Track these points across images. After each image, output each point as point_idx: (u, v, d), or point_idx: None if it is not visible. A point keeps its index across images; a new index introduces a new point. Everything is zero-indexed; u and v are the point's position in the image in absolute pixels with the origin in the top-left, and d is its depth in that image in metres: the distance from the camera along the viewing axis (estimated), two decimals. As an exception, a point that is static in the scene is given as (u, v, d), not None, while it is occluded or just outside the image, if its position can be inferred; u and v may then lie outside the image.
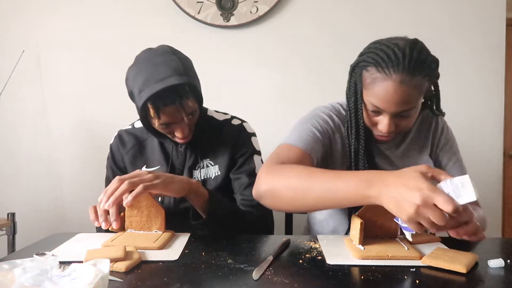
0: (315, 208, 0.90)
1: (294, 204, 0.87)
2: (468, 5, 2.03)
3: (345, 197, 0.78)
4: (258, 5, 2.02)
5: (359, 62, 1.03)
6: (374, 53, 0.97)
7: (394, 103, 0.95)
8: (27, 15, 2.08)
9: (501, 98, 2.06)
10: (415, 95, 0.96)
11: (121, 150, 1.24)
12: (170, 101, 1.03)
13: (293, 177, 0.86)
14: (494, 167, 2.07)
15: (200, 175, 1.19)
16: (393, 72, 0.93)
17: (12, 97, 2.05)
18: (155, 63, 1.05)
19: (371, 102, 0.99)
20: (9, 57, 2.01)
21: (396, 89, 0.93)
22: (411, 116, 1.01)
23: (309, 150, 1.02)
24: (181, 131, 1.10)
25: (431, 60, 0.97)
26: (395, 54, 0.93)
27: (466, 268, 0.72)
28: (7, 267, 0.62)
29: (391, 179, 0.72)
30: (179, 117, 1.07)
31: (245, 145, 1.21)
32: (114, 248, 0.79)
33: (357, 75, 1.03)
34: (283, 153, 1.01)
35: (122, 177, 0.92)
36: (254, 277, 0.70)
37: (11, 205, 2.02)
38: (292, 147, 1.02)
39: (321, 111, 1.14)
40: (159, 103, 1.03)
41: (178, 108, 1.05)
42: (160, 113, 1.04)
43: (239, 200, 1.17)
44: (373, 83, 0.97)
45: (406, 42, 0.96)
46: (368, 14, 2.05)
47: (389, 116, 0.99)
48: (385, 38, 1.02)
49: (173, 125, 1.09)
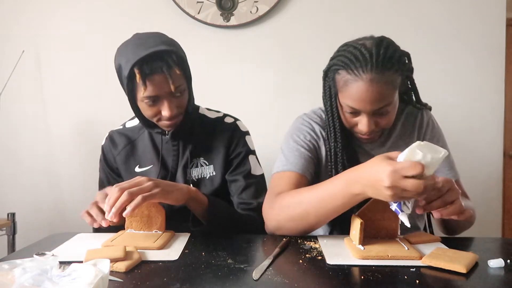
0: (320, 224, 0.94)
1: (300, 229, 0.95)
2: (468, 5, 2.03)
3: (340, 204, 0.86)
4: (258, 5, 2.02)
5: (330, 66, 1.04)
6: (343, 56, 0.99)
7: (368, 102, 0.96)
8: (27, 15, 2.08)
9: (501, 98, 2.06)
10: (388, 92, 0.97)
11: (112, 151, 1.23)
12: (157, 67, 1.00)
13: (286, 207, 0.95)
14: (494, 167, 2.07)
15: (194, 174, 1.17)
16: (362, 72, 0.94)
17: (12, 97, 2.05)
18: (145, 37, 1.06)
19: (347, 104, 1.00)
20: (9, 57, 2.01)
21: (368, 88, 0.94)
22: (389, 112, 1.02)
23: (301, 170, 1.06)
24: (168, 107, 1.05)
25: (400, 54, 0.98)
26: (362, 54, 0.94)
27: (466, 268, 0.72)
28: (7, 267, 0.62)
29: (362, 173, 0.80)
30: (166, 89, 1.03)
31: (239, 145, 1.20)
32: (114, 248, 0.79)
33: (330, 79, 1.04)
34: (278, 183, 1.05)
35: (122, 187, 0.89)
36: (254, 277, 0.70)
37: (11, 205, 2.02)
38: (285, 174, 1.06)
39: (302, 123, 1.15)
40: (146, 69, 1.00)
41: (165, 77, 1.01)
42: (146, 81, 1.01)
43: (236, 203, 1.17)
44: (345, 85, 0.98)
45: (372, 41, 0.98)
46: (367, 14, 2.05)
47: (367, 115, 1.00)
48: (350, 40, 1.04)
49: (160, 102, 1.06)
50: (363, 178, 0.80)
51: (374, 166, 0.77)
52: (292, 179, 1.04)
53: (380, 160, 0.77)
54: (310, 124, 1.14)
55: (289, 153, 1.09)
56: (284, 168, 1.06)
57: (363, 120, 1.01)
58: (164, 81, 1.02)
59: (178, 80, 1.04)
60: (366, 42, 0.98)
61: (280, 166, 1.08)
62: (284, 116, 2.06)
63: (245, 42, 2.07)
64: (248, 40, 2.07)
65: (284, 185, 1.03)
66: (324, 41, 2.06)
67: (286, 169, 1.06)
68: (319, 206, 0.89)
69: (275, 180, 1.07)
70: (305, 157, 1.08)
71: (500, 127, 2.07)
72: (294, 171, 1.05)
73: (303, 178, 1.05)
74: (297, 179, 1.04)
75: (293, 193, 0.97)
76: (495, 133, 2.07)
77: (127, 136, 1.24)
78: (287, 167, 1.06)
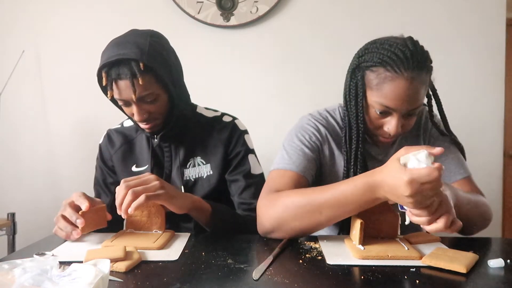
0: (328, 225, 0.91)
1: (304, 229, 0.91)
2: (468, 5, 2.03)
3: (358, 206, 0.85)
4: (258, 5, 2.02)
5: (359, 63, 1.00)
6: (377, 53, 0.96)
7: (406, 101, 0.94)
8: (27, 15, 2.08)
9: (501, 98, 2.06)
10: (423, 92, 0.96)
11: (109, 149, 1.23)
12: (122, 73, 1.00)
13: (293, 206, 0.90)
14: (494, 167, 2.07)
15: (192, 174, 1.16)
16: (404, 69, 0.92)
17: (12, 97, 2.05)
18: (125, 41, 1.05)
19: (380, 103, 0.97)
20: (9, 57, 2.01)
21: (409, 86, 0.93)
22: (416, 114, 1.01)
23: (302, 171, 1.03)
24: (137, 112, 1.05)
25: (428, 55, 0.98)
26: (403, 52, 0.92)
27: (466, 268, 0.72)
28: (7, 267, 0.62)
29: (384, 179, 0.79)
30: (131, 96, 1.02)
31: (238, 144, 1.18)
32: (114, 248, 0.79)
33: (357, 77, 1.00)
34: (277, 181, 1.01)
35: (128, 183, 0.90)
36: (254, 277, 0.70)
37: (11, 205, 2.02)
38: (285, 172, 1.02)
39: (307, 123, 1.12)
40: (112, 73, 1.01)
41: (130, 85, 1.01)
42: (113, 85, 1.02)
43: (237, 203, 1.16)
44: (382, 82, 0.95)
45: (405, 40, 0.97)
46: (367, 14, 2.05)
47: (397, 116, 0.97)
48: (379, 38, 1.01)
49: (131, 105, 1.06)
50: (385, 184, 0.78)
51: (392, 174, 0.76)
52: (293, 179, 1.01)
53: (395, 169, 0.76)
54: (316, 125, 1.11)
55: (292, 152, 1.06)
56: (286, 167, 1.03)
57: (392, 121, 0.98)
58: (129, 87, 1.01)
59: (145, 88, 1.02)
60: (398, 40, 0.96)
61: (281, 163, 1.05)
62: (284, 116, 2.07)
63: (245, 42, 2.07)
64: (248, 40, 2.07)
65: (283, 183, 1.00)
66: (324, 41, 2.07)
67: (288, 167, 1.03)
68: (335, 207, 0.86)
69: (274, 177, 1.03)
70: (309, 158, 1.05)
71: (500, 127, 2.07)
72: (296, 171, 1.02)
73: (303, 179, 1.02)
74: (297, 180, 1.01)
75: (300, 192, 0.92)
76: (495, 133, 2.07)
77: (124, 135, 1.24)
78: (289, 166, 1.03)
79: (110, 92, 1.03)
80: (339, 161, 1.10)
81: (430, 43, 1.64)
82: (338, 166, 1.10)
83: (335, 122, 1.13)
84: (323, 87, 2.05)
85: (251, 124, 1.28)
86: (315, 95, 2.05)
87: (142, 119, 1.07)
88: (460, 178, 1.07)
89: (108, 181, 1.23)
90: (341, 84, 1.09)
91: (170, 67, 1.07)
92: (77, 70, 2.09)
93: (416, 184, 0.73)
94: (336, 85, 2.07)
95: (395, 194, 0.77)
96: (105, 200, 1.18)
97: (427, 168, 0.73)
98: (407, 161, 0.76)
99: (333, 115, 1.14)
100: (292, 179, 1.01)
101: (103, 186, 1.23)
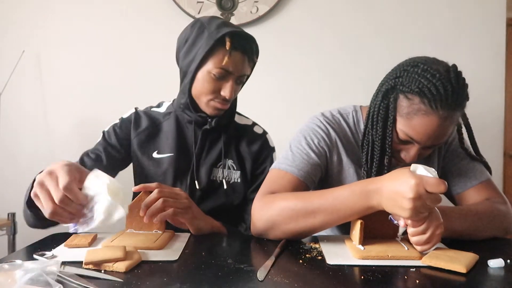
0: (324, 229, 0.90)
1: (300, 231, 0.89)
2: (469, 5, 2.03)
3: (351, 213, 0.84)
4: (258, 5, 2.02)
5: (396, 85, 0.94)
6: (417, 80, 0.90)
7: (433, 138, 0.92)
8: (27, 15, 2.08)
9: (501, 98, 2.06)
10: (452, 129, 0.94)
11: (131, 129, 1.17)
12: (245, 46, 1.05)
13: (288, 209, 0.88)
14: (494, 167, 2.05)
15: (220, 174, 1.15)
16: (440, 107, 0.87)
17: (12, 97, 2.05)
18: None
19: (405, 132, 0.93)
20: (9, 57, 2.01)
21: (440, 125, 0.89)
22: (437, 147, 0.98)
23: (303, 176, 0.99)
24: (231, 88, 1.05)
25: (467, 91, 0.93)
26: (445, 88, 0.87)
27: (466, 268, 0.72)
28: (7, 267, 0.62)
29: (383, 185, 0.78)
30: (239, 68, 1.05)
31: (266, 161, 1.18)
32: (114, 248, 0.79)
33: (391, 99, 0.95)
34: (276, 182, 0.99)
35: (162, 190, 0.90)
36: (259, 277, 0.69)
37: (11, 205, 2.02)
38: (286, 174, 0.99)
39: (318, 124, 1.08)
40: (236, 43, 1.03)
41: (245, 60, 1.06)
42: (232, 52, 1.03)
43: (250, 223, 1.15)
44: (414, 113, 0.90)
45: (449, 71, 0.90)
46: (368, 13, 2.05)
47: (418, 148, 0.95)
48: (421, 58, 0.95)
49: (225, 80, 1.06)
50: (384, 190, 0.78)
51: (398, 178, 0.76)
52: (292, 183, 0.98)
53: (404, 172, 0.76)
54: (326, 128, 1.06)
55: (298, 155, 1.02)
56: (288, 169, 1.00)
57: (411, 151, 0.96)
58: (243, 62, 1.05)
59: (249, 69, 1.08)
60: (441, 69, 0.90)
61: (283, 163, 1.02)
62: (285, 116, 2.07)
63: (245, 42, 2.07)
64: (248, 40, 2.07)
65: (281, 186, 0.97)
66: (324, 40, 2.07)
67: (289, 170, 1.00)
68: (328, 211, 0.85)
69: (274, 178, 1.01)
70: (313, 163, 1.02)
71: (500, 127, 2.07)
72: (297, 175, 0.99)
73: (302, 184, 0.99)
74: (296, 184, 0.98)
75: (296, 195, 0.91)
76: (495, 133, 2.07)
77: (151, 118, 1.19)
78: (291, 169, 1.00)
79: (227, 56, 1.02)
80: (347, 168, 1.08)
81: (430, 42, 1.65)
82: (345, 174, 1.08)
83: (347, 126, 1.09)
84: (323, 87, 2.05)
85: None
86: (315, 95, 2.05)
87: (231, 97, 1.07)
88: (476, 183, 1.04)
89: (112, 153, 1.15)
90: (341, 84, 1.09)
91: None
92: (77, 70, 2.09)
93: (421, 189, 0.72)
94: (336, 85, 2.08)
95: (394, 199, 0.76)
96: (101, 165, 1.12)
97: (436, 178, 0.73)
98: (416, 169, 0.77)
99: (346, 119, 1.10)
100: (291, 183, 0.98)
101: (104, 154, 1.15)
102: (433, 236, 0.78)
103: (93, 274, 0.70)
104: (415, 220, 0.77)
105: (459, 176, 1.07)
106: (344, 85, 2.02)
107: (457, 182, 1.06)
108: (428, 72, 0.89)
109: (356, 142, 1.09)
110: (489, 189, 1.05)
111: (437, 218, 0.79)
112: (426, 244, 0.79)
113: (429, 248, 0.79)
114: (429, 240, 0.78)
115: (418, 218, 0.76)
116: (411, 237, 0.80)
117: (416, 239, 0.79)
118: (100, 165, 1.12)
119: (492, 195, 1.03)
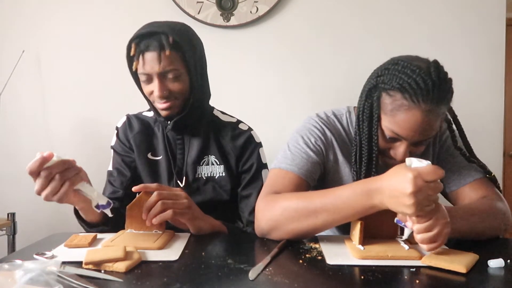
0: (325, 229, 0.90)
1: (303, 231, 0.90)
2: (468, 5, 2.03)
3: (353, 212, 0.84)
4: (258, 5, 2.02)
5: (378, 83, 0.95)
6: (397, 77, 0.90)
7: (418, 132, 0.91)
8: (27, 15, 2.08)
9: (501, 98, 2.06)
10: (438, 123, 0.93)
11: (128, 132, 1.22)
12: (151, 46, 1.03)
13: (291, 209, 0.89)
14: (494, 167, 2.05)
15: (204, 172, 1.16)
16: (422, 101, 0.87)
17: (12, 97, 2.05)
18: (158, 22, 1.10)
19: (390, 129, 0.94)
20: (9, 57, 2.01)
21: (424, 119, 0.89)
22: (426, 143, 0.98)
23: (304, 174, 1.01)
24: (158, 86, 1.06)
25: (451, 85, 0.92)
26: (425, 82, 0.87)
27: (466, 268, 0.72)
28: (7, 267, 0.62)
29: (384, 184, 0.78)
30: (156, 68, 1.04)
31: (252, 156, 1.18)
32: (114, 248, 0.79)
33: (374, 98, 0.95)
34: (278, 181, 1.00)
35: (161, 193, 0.92)
36: (250, 277, 0.70)
37: (11, 205, 2.02)
38: (286, 173, 1.01)
39: (314, 125, 1.09)
40: (142, 45, 1.04)
41: (156, 56, 1.03)
42: (140, 57, 1.04)
43: (246, 221, 1.16)
44: (396, 109, 0.91)
45: (429, 67, 0.89)
46: (368, 14, 2.05)
47: (406, 144, 0.95)
48: (401, 57, 0.95)
49: (152, 81, 1.07)
50: (385, 188, 0.78)
51: (396, 175, 0.76)
52: (294, 181, 0.99)
53: (400, 168, 0.76)
54: (322, 128, 1.08)
55: (297, 154, 1.04)
56: (288, 168, 1.01)
57: (400, 148, 0.96)
58: (155, 60, 1.04)
59: (171, 62, 1.05)
60: (422, 65, 0.89)
61: (283, 163, 1.03)
62: (285, 116, 2.07)
63: (245, 42, 2.07)
64: (248, 40, 2.07)
65: (284, 185, 0.99)
66: (324, 40, 2.07)
67: (290, 169, 1.01)
68: (330, 211, 0.85)
69: (275, 177, 1.02)
70: (312, 161, 1.03)
71: (500, 127, 2.07)
72: (298, 174, 1.00)
73: (304, 183, 1.01)
74: (298, 183, 0.99)
75: (298, 195, 0.92)
76: (495, 133, 2.07)
77: (143, 122, 1.23)
78: (291, 168, 1.01)
79: (136, 62, 1.05)
80: (343, 168, 1.09)
81: (430, 42, 1.65)
82: (342, 173, 1.09)
83: (341, 127, 1.11)
84: (323, 87, 2.05)
85: (251, 124, 1.27)
86: (315, 95, 2.05)
87: (162, 95, 1.07)
88: (471, 180, 1.04)
89: (126, 160, 1.21)
90: (341, 84, 1.09)
91: (196, 51, 1.11)
92: (77, 70, 2.09)
93: (420, 181, 0.73)
94: (336, 85, 2.08)
95: (396, 197, 0.75)
96: (126, 176, 1.18)
97: (431, 166, 0.74)
98: (411, 164, 0.77)
99: (340, 120, 1.12)
100: (293, 181, 0.99)
101: (122, 165, 1.21)
102: (440, 234, 0.77)
103: (93, 274, 0.70)
104: (421, 216, 0.77)
105: (453, 173, 1.06)
106: (344, 85, 2.02)
107: (451, 180, 1.06)
108: (408, 68, 0.90)
109: (350, 142, 1.10)
110: (484, 187, 1.04)
111: (444, 216, 0.78)
112: (433, 242, 0.77)
113: (436, 248, 0.78)
114: (435, 238, 0.77)
115: (423, 212, 0.76)
116: (417, 234, 0.78)
117: (422, 236, 0.77)
118: (125, 178, 1.19)
119: (488, 193, 1.03)
